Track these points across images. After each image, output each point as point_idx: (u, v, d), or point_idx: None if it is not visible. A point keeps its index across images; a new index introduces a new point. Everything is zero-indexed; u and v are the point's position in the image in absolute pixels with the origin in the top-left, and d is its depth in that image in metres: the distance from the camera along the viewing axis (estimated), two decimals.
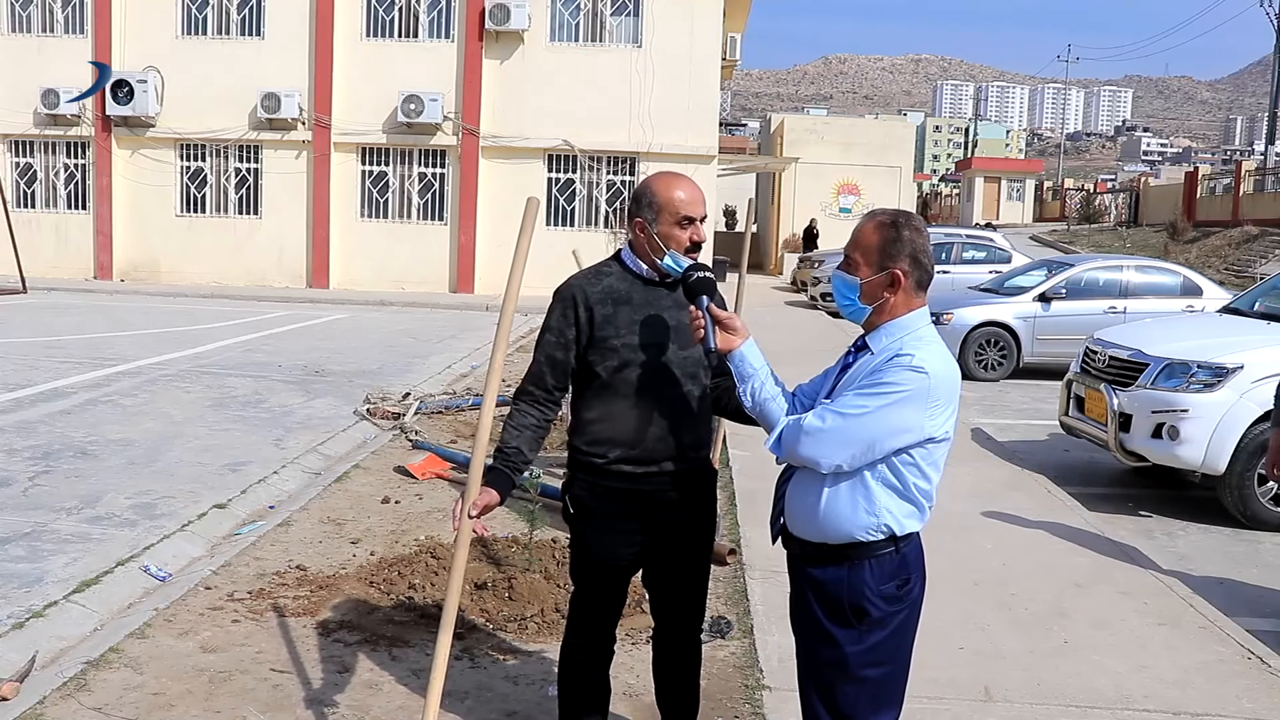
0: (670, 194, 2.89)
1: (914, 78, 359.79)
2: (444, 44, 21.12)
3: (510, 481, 2.91)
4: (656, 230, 2.88)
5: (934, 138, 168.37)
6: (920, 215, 22.18)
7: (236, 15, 21.34)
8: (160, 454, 7.25)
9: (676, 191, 2.89)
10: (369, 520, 5.98)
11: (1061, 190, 58.31)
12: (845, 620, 2.47)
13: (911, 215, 2.52)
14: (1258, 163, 39.48)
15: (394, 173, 21.64)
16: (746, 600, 4.79)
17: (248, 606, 4.59)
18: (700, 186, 3.01)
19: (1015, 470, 7.72)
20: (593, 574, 3.03)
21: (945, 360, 2.43)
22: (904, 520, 2.46)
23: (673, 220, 2.87)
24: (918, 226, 2.49)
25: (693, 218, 2.88)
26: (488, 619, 4.46)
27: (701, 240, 2.91)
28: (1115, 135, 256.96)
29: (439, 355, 12.69)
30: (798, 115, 42.94)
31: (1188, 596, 5.14)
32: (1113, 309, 12.23)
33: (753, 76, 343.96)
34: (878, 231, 2.47)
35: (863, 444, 2.37)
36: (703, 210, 2.92)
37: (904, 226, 2.46)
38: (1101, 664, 4.32)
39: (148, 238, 21.80)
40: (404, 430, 8.23)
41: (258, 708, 3.68)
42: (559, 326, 2.93)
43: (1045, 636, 4.59)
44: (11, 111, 21.36)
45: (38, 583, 4.75)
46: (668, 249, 2.87)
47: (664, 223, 2.88)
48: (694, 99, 20.95)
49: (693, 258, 2.88)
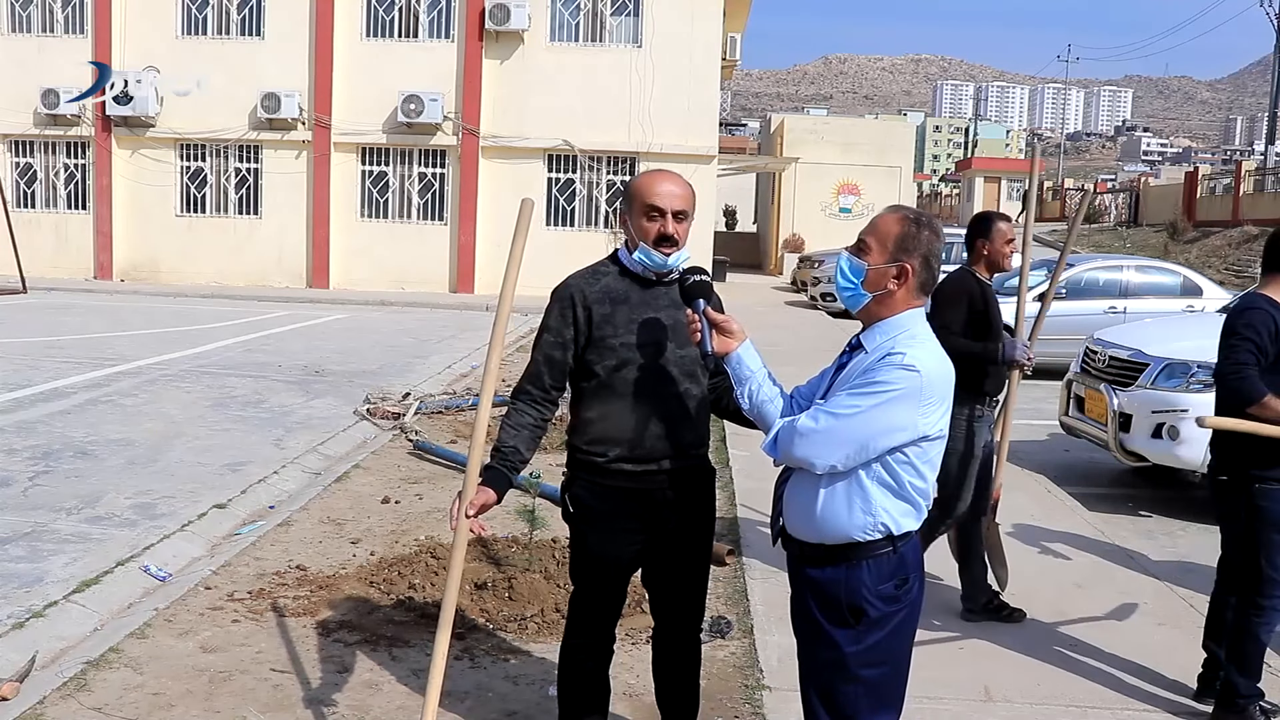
0: (642, 185, 2.87)
1: (914, 78, 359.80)
2: (444, 44, 21.12)
3: (507, 481, 2.91)
4: (633, 224, 2.88)
5: (934, 138, 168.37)
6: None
7: (236, 15, 21.33)
8: (160, 454, 7.25)
9: (648, 183, 2.86)
10: (369, 520, 5.98)
11: (1061, 190, 58.28)
12: (843, 620, 2.47)
13: (934, 219, 2.53)
14: (1258, 163, 39.47)
15: (394, 173, 21.64)
16: (746, 600, 4.79)
17: (248, 606, 4.59)
18: (684, 183, 2.92)
19: (1015, 470, 7.70)
20: (593, 574, 3.03)
21: (938, 358, 2.43)
22: (901, 519, 2.46)
23: (642, 212, 2.85)
24: (937, 230, 2.50)
25: (662, 209, 2.82)
26: (488, 619, 4.46)
27: (670, 234, 2.83)
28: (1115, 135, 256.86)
29: (439, 355, 12.69)
30: (798, 115, 42.96)
31: (1188, 596, 5.14)
32: (1113, 309, 12.22)
33: (753, 76, 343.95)
34: (900, 223, 2.48)
35: (856, 444, 2.37)
36: (677, 204, 2.83)
37: (925, 226, 2.48)
38: (1101, 664, 4.32)
39: (148, 238, 21.79)
40: (404, 430, 8.23)
41: (258, 708, 3.68)
42: (557, 326, 2.93)
43: (1045, 636, 4.60)
44: (11, 111, 21.35)
45: (38, 583, 4.75)
46: (639, 243, 2.87)
47: (635, 214, 2.87)
48: (694, 99, 20.94)
49: (664, 252, 2.84)
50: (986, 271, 4.77)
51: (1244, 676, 3.78)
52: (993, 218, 4.79)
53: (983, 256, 4.75)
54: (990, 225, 4.73)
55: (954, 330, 4.57)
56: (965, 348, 4.54)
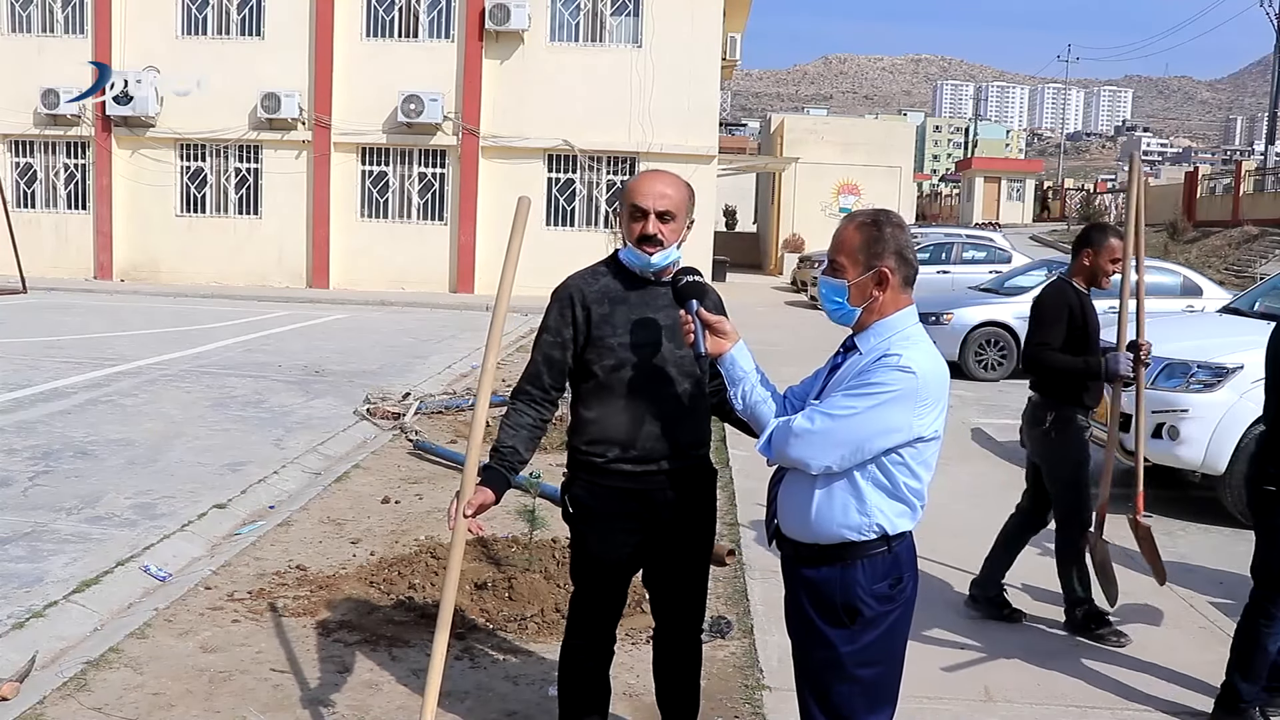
0: (630, 186, 2.89)
1: (914, 78, 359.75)
2: (444, 44, 21.12)
3: (506, 481, 2.91)
4: (624, 224, 2.89)
5: (934, 138, 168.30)
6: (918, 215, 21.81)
7: (236, 15, 21.34)
8: (160, 454, 7.25)
9: (636, 184, 2.88)
10: (369, 520, 5.98)
11: (1061, 190, 58.27)
12: (838, 620, 2.47)
13: (891, 213, 2.51)
14: (1258, 163, 39.48)
15: (394, 173, 21.64)
16: (746, 600, 4.79)
17: (248, 606, 4.59)
18: (675, 183, 2.90)
19: (1015, 470, 7.70)
20: (593, 574, 3.03)
21: (933, 359, 2.42)
22: (896, 520, 2.46)
23: (628, 213, 2.87)
24: (899, 223, 2.48)
25: (645, 210, 2.82)
26: (488, 619, 4.46)
27: (652, 234, 2.82)
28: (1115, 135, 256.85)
29: (439, 355, 12.69)
30: (798, 115, 42.96)
31: (1188, 596, 5.14)
32: (1113, 309, 12.20)
33: (753, 76, 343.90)
34: (860, 231, 2.46)
35: (851, 445, 2.37)
36: (660, 204, 2.82)
37: (885, 224, 2.46)
38: (1101, 664, 4.32)
39: (148, 238, 21.80)
40: (404, 430, 8.23)
41: (258, 708, 3.68)
42: (556, 326, 2.93)
43: (1045, 636, 4.60)
44: (11, 111, 21.35)
45: (38, 583, 4.75)
46: (628, 243, 2.88)
47: (624, 215, 2.89)
48: (694, 99, 20.94)
49: (648, 251, 2.84)
50: (1085, 284, 4.70)
51: (1247, 682, 3.78)
52: (1106, 231, 4.67)
53: (1084, 269, 4.68)
54: (1102, 239, 4.61)
55: (1054, 347, 4.54)
56: (1068, 365, 4.54)
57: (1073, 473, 4.63)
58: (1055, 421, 4.62)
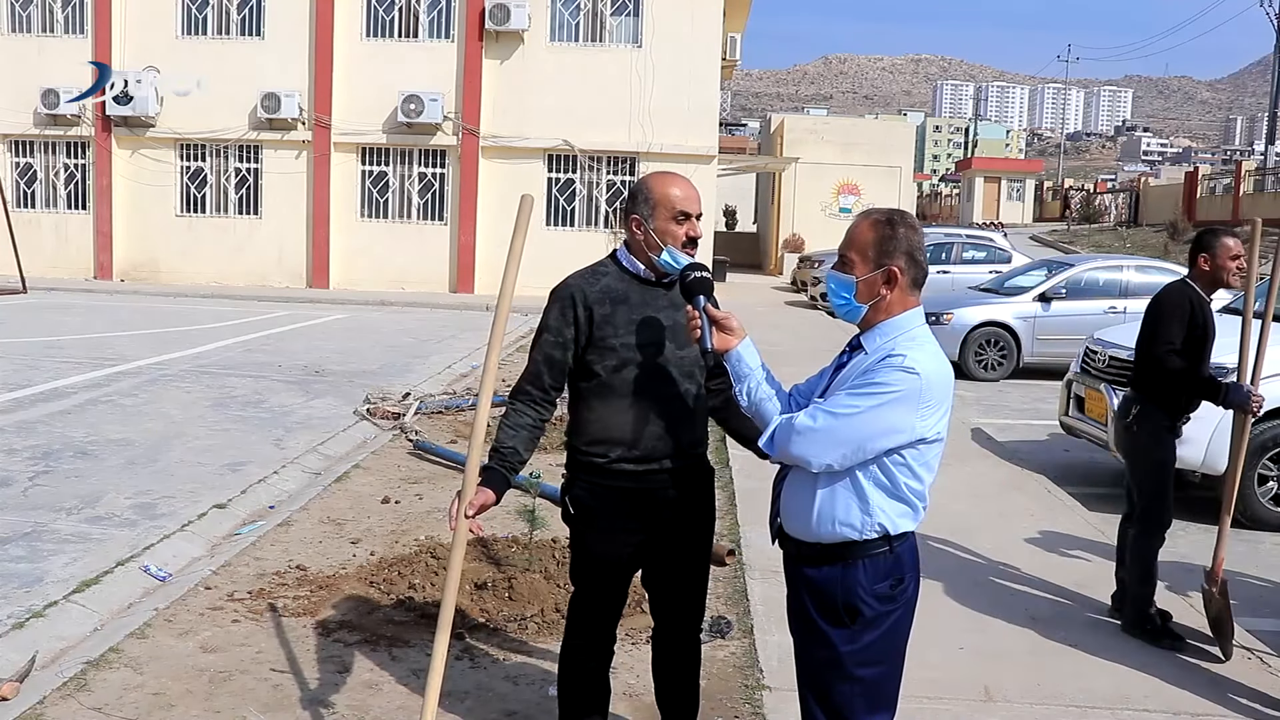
0: (666, 190, 2.91)
1: (914, 78, 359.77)
2: (444, 44, 21.12)
3: (506, 481, 2.91)
4: (654, 226, 2.89)
5: (934, 138, 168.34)
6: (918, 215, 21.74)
7: (236, 15, 21.34)
8: (160, 454, 7.25)
9: (672, 188, 2.91)
10: (369, 520, 5.98)
11: (1061, 190, 58.26)
12: (839, 620, 2.47)
13: (906, 214, 2.52)
14: (1258, 163, 39.48)
15: (394, 173, 21.64)
16: (746, 600, 4.79)
17: (248, 606, 4.59)
18: (695, 185, 3.03)
19: (1015, 470, 7.72)
20: (593, 574, 3.03)
21: (938, 361, 2.42)
22: (897, 520, 2.46)
23: (669, 216, 2.88)
24: (913, 225, 2.49)
25: (689, 213, 2.89)
26: (488, 619, 4.46)
27: (697, 236, 2.93)
28: (1115, 135, 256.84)
29: (439, 355, 12.69)
30: (798, 115, 42.95)
31: (1188, 597, 5.14)
32: (1113, 309, 12.23)
33: (753, 76, 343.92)
34: (874, 229, 2.47)
35: (853, 444, 2.37)
36: (698, 207, 2.93)
37: (899, 224, 2.46)
38: (1101, 664, 4.32)
39: (148, 238, 21.80)
40: (404, 430, 8.23)
41: (258, 708, 3.68)
42: (557, 326, 2.93)
43: (1045, 636, 4.60)
44: (11, 111, 21.36)
45: (38, 583, 4.75)
46: (665, 245, 2.88)
47: (660, 218, 2.89)
48: (694, 99, 20.94)
49: (689, 253, 2.88)
50: (1207, 288, 4.66)
51: None
52: (1219, 233, 4.66)
53: (1204, 273, 4.65)
54: (1215, 241, 4.61)
55: (1177, 347, 4.49)
56: (1191, 381, 4.49)
57: (1153, 471, 4.62)
58: (1139, 416, 4.62)
